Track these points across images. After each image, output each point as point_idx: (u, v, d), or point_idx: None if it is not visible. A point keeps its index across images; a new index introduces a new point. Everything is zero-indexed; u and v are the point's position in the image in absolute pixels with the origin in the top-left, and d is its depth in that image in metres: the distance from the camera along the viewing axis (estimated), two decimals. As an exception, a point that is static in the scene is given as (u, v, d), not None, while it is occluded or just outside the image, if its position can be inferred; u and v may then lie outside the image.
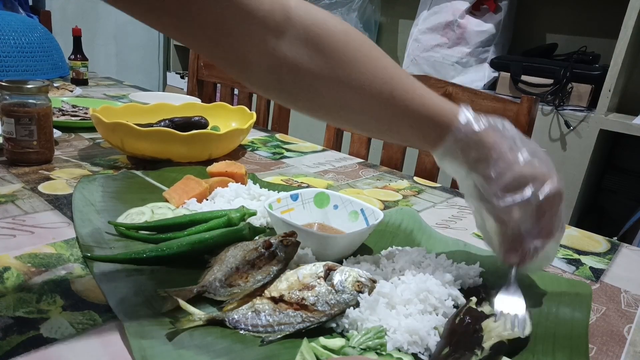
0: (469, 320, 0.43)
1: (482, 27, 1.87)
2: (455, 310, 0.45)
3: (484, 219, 0.50)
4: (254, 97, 1.51)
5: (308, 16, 0.45)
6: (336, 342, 0.39)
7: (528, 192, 0.46)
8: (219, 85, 1.61)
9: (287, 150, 1.05)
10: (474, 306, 0.45)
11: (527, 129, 0.95)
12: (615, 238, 0.74)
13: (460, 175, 0.50)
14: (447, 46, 1.92)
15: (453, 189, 0.92)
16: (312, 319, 0.42)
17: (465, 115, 0.48)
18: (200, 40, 0.43)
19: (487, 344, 0.40)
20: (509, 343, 0.41)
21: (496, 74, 1.86)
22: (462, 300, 0.47)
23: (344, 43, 0.46)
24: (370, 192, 0.83)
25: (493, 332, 0.41)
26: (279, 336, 0.41)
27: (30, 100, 0.74)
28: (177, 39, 0.44)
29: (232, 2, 0.41)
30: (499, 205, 0.47)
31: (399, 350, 0.40)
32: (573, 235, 0.73)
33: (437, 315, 0.44)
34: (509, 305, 0.46)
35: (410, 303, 0.44)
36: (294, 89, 0.47)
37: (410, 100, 0.47)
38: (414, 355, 0.40)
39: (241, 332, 0.42)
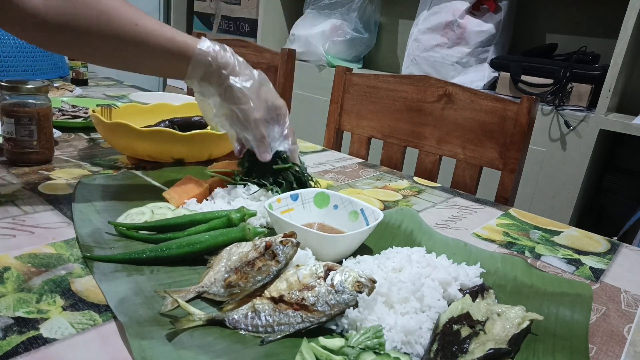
0: (462, 324, 0.42)
1: (482, 27, 1.87)
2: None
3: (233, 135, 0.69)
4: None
5: None
6: (335, 342, 0.39)
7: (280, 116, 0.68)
8: (219, 85, 1.61)
9: (287, 150, 1.05)
10: (468, 302, 0.45)
11: (527, 129, 0.95)
12: (615, 238, 0.74)
13: (216, 102, 0.65)
14: (447, 46, 1.92)
15: (453, 189, 0.92)
16: (312, 319, 0.42)
17: (205, 45, 0.61)
18: None
19: (479, 349, 0.40)
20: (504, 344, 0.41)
21: (496, 74, 1.86)
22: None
23: None
24: (370, 192, 0.83)
25: (488, 336, 0.41)
26: (278, 336, 0.41)
27: (30, 100, 0.74)
28: None
29: None
30: (255, 127, 0.65)
31: (397, 350, 0.40)
32: (573, 235, 0.73)
33: (433, 314, 0.44)
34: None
35: (407, 302, 0.44)
36: (63, 43, 0.57)
37: (153, 36, 0.58)
38: (409, 355, 0.40)
39: (241, 332, 0.42)
